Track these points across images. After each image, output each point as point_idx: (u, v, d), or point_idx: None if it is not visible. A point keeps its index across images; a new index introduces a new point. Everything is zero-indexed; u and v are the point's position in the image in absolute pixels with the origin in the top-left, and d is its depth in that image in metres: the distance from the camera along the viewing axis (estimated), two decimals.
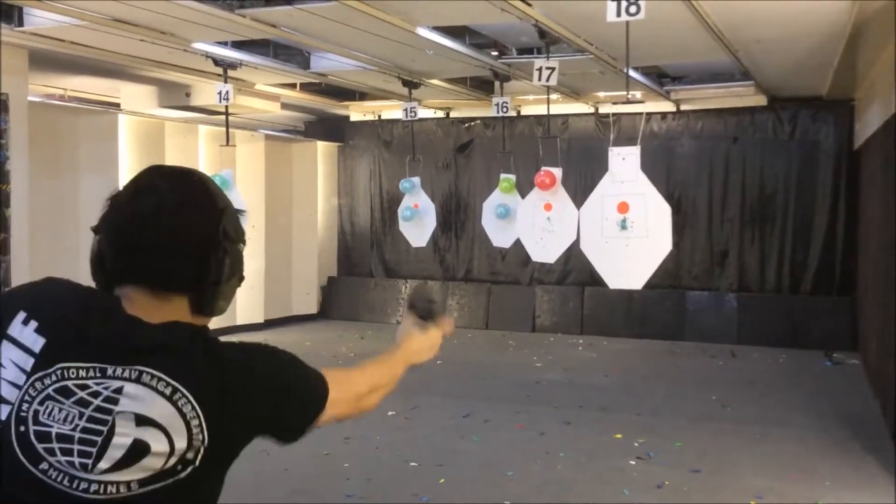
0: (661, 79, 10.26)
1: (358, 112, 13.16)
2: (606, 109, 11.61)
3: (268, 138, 12.40)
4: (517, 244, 8.92)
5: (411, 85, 9.57)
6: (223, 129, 9.29)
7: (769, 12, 6.48)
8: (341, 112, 13.06)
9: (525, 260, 11.20)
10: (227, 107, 8.85)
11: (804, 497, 5.40)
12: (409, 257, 12.90)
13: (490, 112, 10.15)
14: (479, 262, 12.81)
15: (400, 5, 6.44)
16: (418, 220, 10.31)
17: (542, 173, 8.00)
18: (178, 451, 1.29)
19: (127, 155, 10.17)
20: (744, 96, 10.74)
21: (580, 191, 10.13)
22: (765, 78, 9.65)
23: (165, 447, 1.29)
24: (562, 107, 11.44)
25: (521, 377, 9.10)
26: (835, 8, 6.29)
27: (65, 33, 7.39)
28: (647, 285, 6.29)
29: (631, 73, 7.44)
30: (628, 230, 5.80)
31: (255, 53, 8.43)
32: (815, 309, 10.89)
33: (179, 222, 1.37)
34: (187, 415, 1.30)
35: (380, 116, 13.24)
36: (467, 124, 12.82)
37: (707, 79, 10.22)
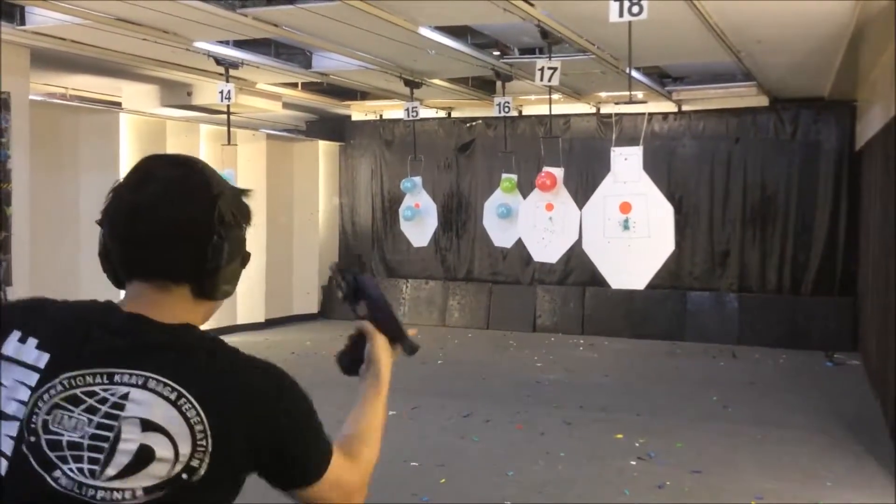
0: (663, 79, 10.26)
1: (359, 112, 13.16)
2: (608, 110, 11.61)
3: (269, 138, 12.40)
4: (518, 244, 8.93)
5: (413, 85, 9.57)
6: (224, 128, 9.30)
7: (771, 13, 6.48)
8: (343, 112, 13.07)
9: (526, 260, 11.21)
10: (228, 106, 8.85)
11: (805, 497, 5.40)
12: (409, 257, 12.89)
13: (492, 112, 10.16)
14: (480, 262, 12.80)
15: (402, 5, 6.44)
16: (419, 220, 10.31)
17: (543, 174, 8.00)
18: (183, 458, 1.28)
19: (128, 154, 10.17)
20: (745, 97, 10.74)
21: (582, 191, 10.13)
22: (766, 79, 9.65)
23: (170, 453, 1.28)
24: (563, 107, 11.43)
25: (522, 377, 9.10)
26: (837, 9, 6.29)
27: (66, 32, 7.39)
28: (648, 286, 6.29)
29: (633, 73, 7.43)
30: (630, 230, 5.80)
31: (257, 53, 8.43)
32: (815, 310, 10.89)
33: (175, 211, 1.37)
34: (191, 419, 1.29)
35: (381, 116, 13.24)
36: (469, 124, 12.81)
37: (709, 79, 10.23)
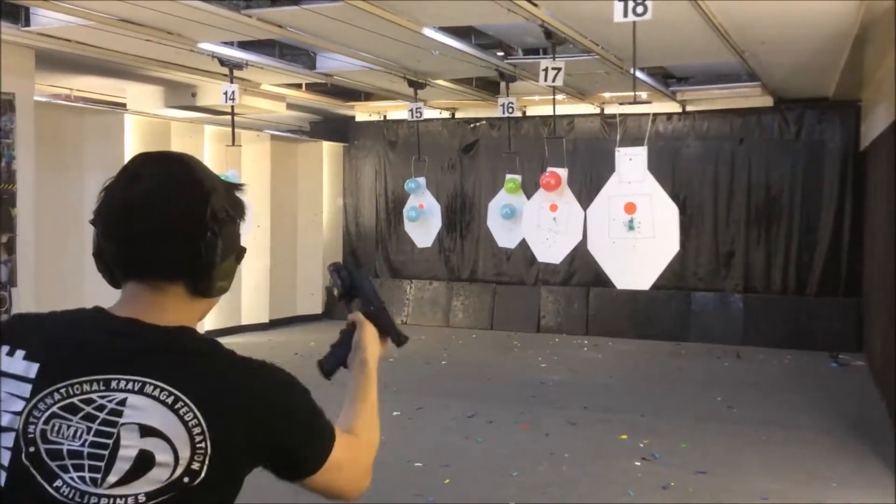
0: (667, 80, 10.25)
1: (363, 112, 13.17)
2: (612, 110, 11.60)
3: (273, 138, 12.41)
4: (522, 245, 8.92)
5: (417, 85, 9.57)
6: (229, 129, 9.31)
7: (775, 13, 6.47)
8: (347, 112, 13.07)
9: (530, 260, 11.20)
10: (232, 107, 8.85)
11: (809, 498, 5.39)
12: (414, 257, 12.89)
13: (496, 112, 10.14)
14: (484, 263, 12.80)
15: (406, 6, 6.44)
16: (423, 221, 10.31)
17: (547, 174, 8.00)
18: (183, 461, 1.28)
19: (133, 154, 10.17)
20: (750, 97, 10.73)
21: (586, 191, 10.14)
22: (771, 79, 9.64)
23: (170, 458, 1.28)
24: (567, 107, 11.43)
25: (526, 378, 9.09)
26: (841, 9, 6.28)
27: (71, 33, 7.41)
28: (653, 286, 6.29)
29: (637, 73, 7.43)
30: (636, 231, 5.79)
31: (261, 53, 8.44)
32: (820, 310, 10.87)
33: (166, 209, 1.36)
34: (189, 423, 1.29)
35: (385, 117, 13.24)
36: (473, 125, 12.81)
37: (713, 80, 10.22)
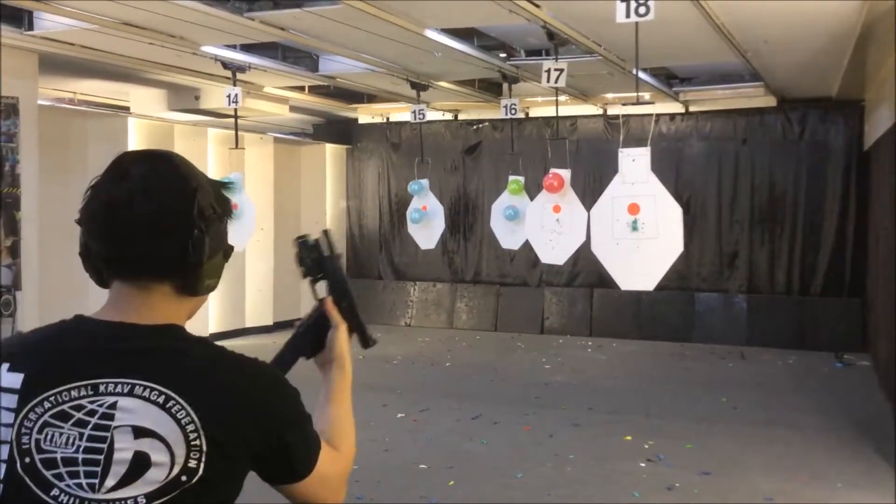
0: (670, 80, 10.25)
1: (366, 114, 13.18)
2: (615, 111, 11.59)
3: (276, 141, 12.42)
4: (526, 246, 8.91)
5: (419, 87, 9.58)
6: (232, 132, 9.31)
7: (778, 13, 6.46)
8: (349, 115, 13.08)
9: (534, 262, 11.20)
10: (235, 110, 8.86)
11: (814, 498, 5.38)
12: (417, 259, 12.89)
13: (498, 114, 10.14)
14: (487, 265, 12.80)
15: (408, 7, 6.44)
16: (427, 223, 10.30)
17: (550, 176, 7.99)
18: (179, 460, 1.28)
19: None
20: (753, 97, 10.72)
21: (589, 192, 10.12)
22: (774, 79, 9.63)
23: (166, 457, 1.27)
24: (570, 108, 11.42)
25: (530, 379, 9.09)
26: (844, 9, 6.27)
27: (74, 37, 7.42)
28: (656, 287, 6.27)
29: (640, 74, 7.42)
30: (639, 231, 5.78)
31: (264, 56, 8.45)
32: (824, 311, 10.85)
33: (152, 206, 1.35)
34: (182, 420, 1.28)
35: (388, 119, 13.25)
36: (476, 126, 12.81)
37: (716, 80, 10.21)
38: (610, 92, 10.71)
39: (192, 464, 1.28)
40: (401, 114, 12.44)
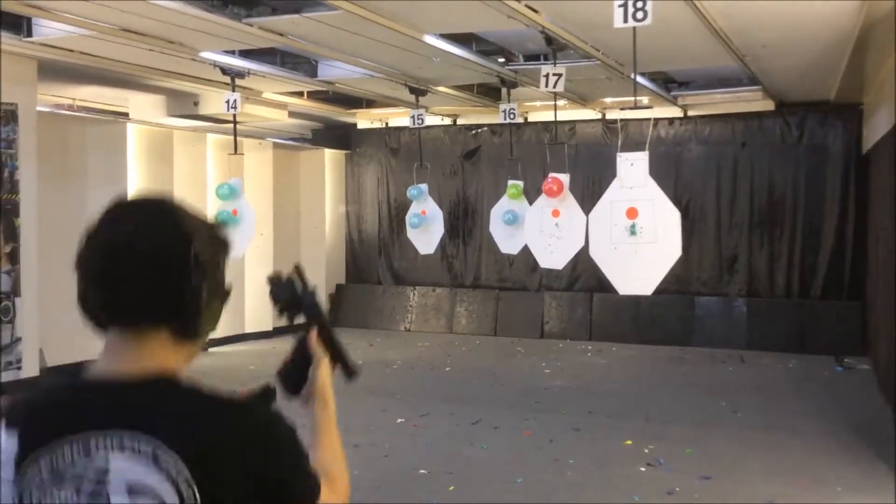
0: (668, 84, 10.26)
1: (365, 119, 13.19)
2: (614, 115, 11.60)
3: (275, 146, 12.43)
4: (525, 251, 8.91)
5: (418, 92, 9.59)
6: (231, 137, 9.32)
7: (776, 17, 6.47)
8: (348, 120, 13.09)
9: (533, 266, 11.21)
10: (234, 115, 8.88)
11: (815, 503, 5.37)
12: (416, 264, 12.90)
13: (497, 119, 10.16)
14: (487, 269, 12.80)
15: (406, 13, 6.45)
16: (426, 228, 10.31)
17: (549, 180, 8.00)
18: None
19: (136, 164, 10.21)
20: (751, 101, 10.73)
21: (588, 196, 10.12)
22: (772, 83, 9.64)
23: None
24: (569, 113, 11.44)
25: (530, 384, 9.08)
26: (841, 12, 6.28)
27: (73, 43, 7.43)
28: (656, 291, 6.27)
29: (638, 78, 7.43)
30: (637, 236, 5.79)
31: (263, 62, 8.46)
32: (824, 314, 10.85)
33: (148, 252, 1.34)
34: (171, 473, 1.27)
35: (387, 124, 13.26)
36: (474, 131, 12.83)
37: (714, 84, 10.22)
38: (608, 96, 10.72)
39: None
40: (399, 119, 12.45)
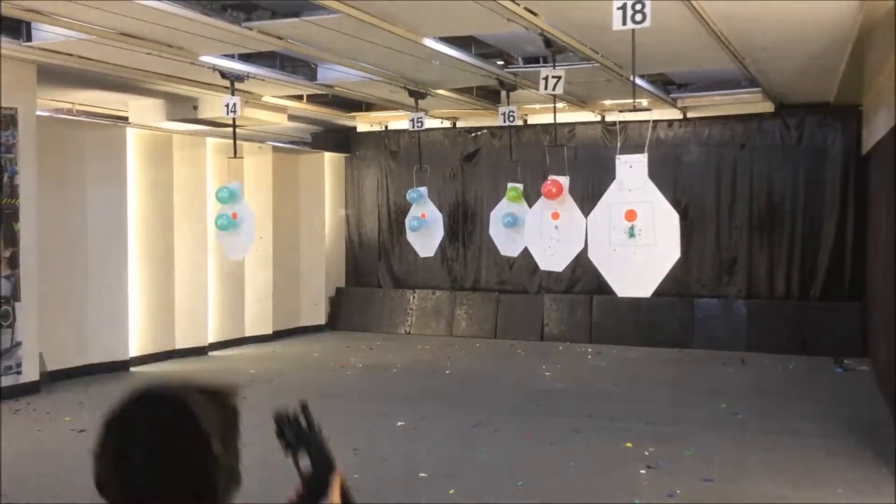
0: (668, 86, 10.26)
1: (364, 123, 13.19)
2: (613, 117, 11.61)
3: (275, 150, 12.44)
4: (525, 253, 8.91)
5: (418, 95, 9.60)
6: (230, 141, 9.32)
7: (775, 19, 6.48)
8: (348, 123, 13.10)
9: (533, 269, 11.20)
10: (234, 119, 8.87)
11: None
12: (416, 267, 12.90)
13: (497, 121, 10.16)
14: (486, 272, 12.80)
15: (406, 16, 6.46)
16: (426, 231, 10.31)
17: (548, 182, 8.00)
18: None
19: (135, 168, 10.21)
20: (751, 103, 10.73)
21: (587, 199, 10.11)
22: (771, 85, 9.65)
23: None
24: (568, 115, 11.44)
25: (530, 386, 9.07)
26: (840, 14, 6.29)
27: (72, 48, 7.44)
28: (656, 293, 6.26)
29: (637, 80, 7.43)
30: (636, 238, 5.78)
31: (262, 66, 8.46)
32: (824, 315, 10.85)
33: (167, 462, 1.34)
34: None
35: (386, 127, 13.26)
36: (474, 134, 12.83)
37: (713, 86, 10.23)
38: (608, 99, 10.73)
39: None
40: (399, 122, 12.45)
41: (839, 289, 10.96)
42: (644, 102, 10.30)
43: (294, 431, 1.57)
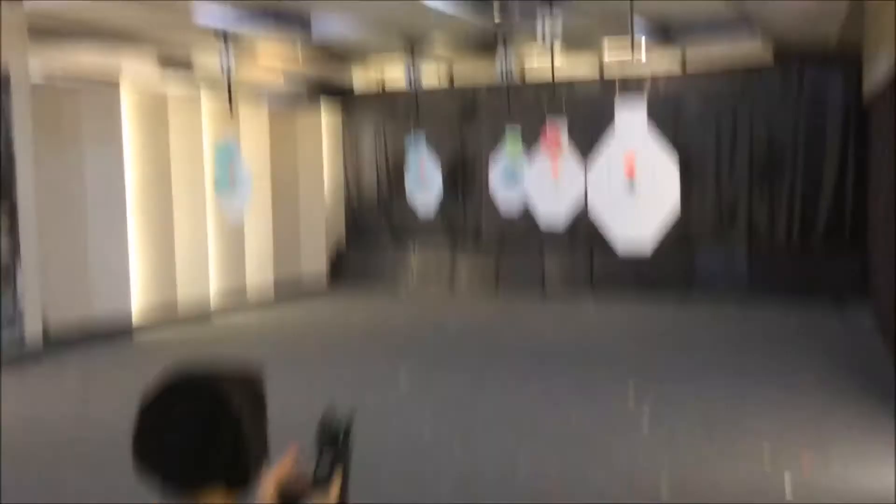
0: (667, 33, 10.07)
1: (361, 80, 13.06)
2: (612, 71, 11.47)
3: (271, 108, 12.35)
4: (525, 211, 8.89)
5: (414, 49, 9.47)
6: (226, 103, 9.22)
7: None
8: (344, 80, 12.95)
9: (533, 226, 11.15)
10: (229, 77, 8.78)
11: (817, 449, 5.39)
12: (417, 225, 12.85)
13: (494, 75, 10.01)
14: (487, 230, 12.76)
15: None
16: (425, 188, 10.29)
17: (547, 130, 7.93)
18: None
19: (131, 130, 10.14)
20: (750, 53, 10.58)
21: (587, 156, 10.06)
22: (771, 27, 9.47)
23: None
24: (567, 71, 11.28)
25: (532, 344, 9.05)
26: None
27: (65, 8, 7.33)
28: (657, 244, 6.26)
29: (636, 29, 7.29)
30: (636, 190, 5.76)
31: (256, 21, 8.34)
32: (825, 263, 10.84)
33: (201, 454, 1.43)
34: None
35: (383, 87, 13.13)
36: (472, 90, 12.69)
37: (713, 33, 10.04)
38: (606, 47, 10.48)
39: None
40: (396, 82, 12.30)
41: (840, 236, 10.94)
42: (642, 42, 10.08)
43: (331, 437, 1.63)
